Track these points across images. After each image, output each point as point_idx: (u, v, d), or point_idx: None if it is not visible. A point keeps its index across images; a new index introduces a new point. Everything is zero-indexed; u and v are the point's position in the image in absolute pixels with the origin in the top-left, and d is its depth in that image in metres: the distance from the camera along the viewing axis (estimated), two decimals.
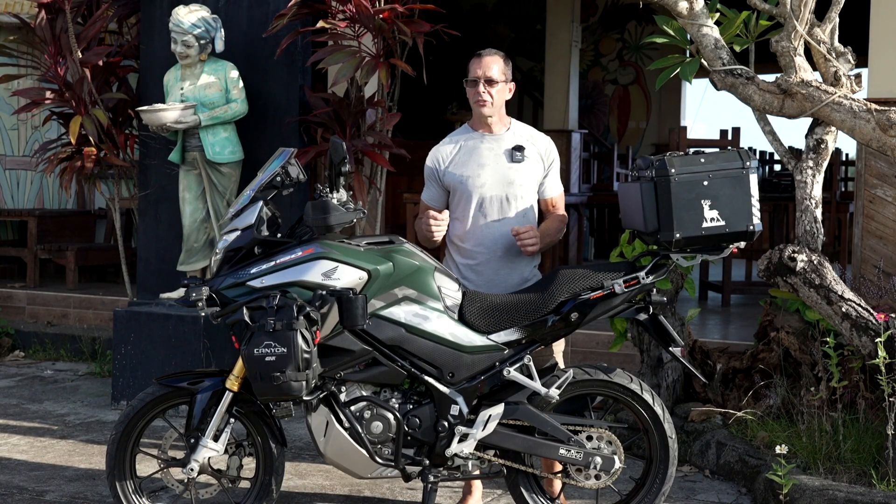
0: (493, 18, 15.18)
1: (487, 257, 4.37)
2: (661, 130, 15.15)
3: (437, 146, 4.52)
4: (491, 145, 4.43)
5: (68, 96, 6.90)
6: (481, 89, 4.36)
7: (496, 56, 4.42)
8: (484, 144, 4.43)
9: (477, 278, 4.38)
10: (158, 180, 6.74)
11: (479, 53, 4.44)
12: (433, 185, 4.50)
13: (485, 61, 4.39)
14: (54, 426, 6.00)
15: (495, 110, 4.41)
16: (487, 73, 4.37)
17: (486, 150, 4.42)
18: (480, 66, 4.38)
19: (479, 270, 4.39)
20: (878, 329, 4.54)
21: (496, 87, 4.37)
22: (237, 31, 6.52)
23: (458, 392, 4.02)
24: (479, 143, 4.44)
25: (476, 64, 4.40)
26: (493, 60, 4.39)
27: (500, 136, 4.44)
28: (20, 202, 10.64)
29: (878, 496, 4.31)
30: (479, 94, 4.36)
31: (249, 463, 4.13)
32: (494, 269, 4.37)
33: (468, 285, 4.32)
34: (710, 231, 3.97)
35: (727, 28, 4.83)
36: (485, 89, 4.36)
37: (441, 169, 4.46)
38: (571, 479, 4.14)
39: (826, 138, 4.75)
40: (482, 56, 4.42)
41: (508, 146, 4.41)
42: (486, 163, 4.39)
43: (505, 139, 4.44)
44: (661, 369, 5.64)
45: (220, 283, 3.94)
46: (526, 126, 4.56)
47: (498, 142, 4.43)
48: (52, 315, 8.54)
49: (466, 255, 4.42)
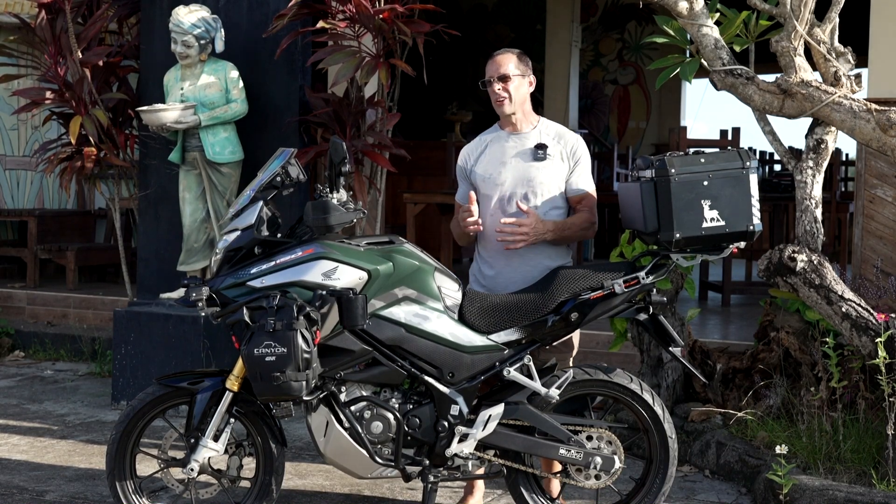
0: (493, 18, 15.19)
1: (508, 255, 4.36)
2: (661, 130, 15.15)
3: (467, 145, 4.55)
4: (515, 143, 4.42)
5: (68, 96, 6.90)
6: (497, 88, 4.36)
7: (508, 53, 4.42)
8: (508, 143, 4.42)
9: (495, 275, 4.37)
10: (158, 180, 6.74)
11: (492, 55, 4.45)
12: (464, 184, 4.50)
13: (497, 60, 4.39)
14: (54, 426, 6.00)
15: (516, 107, 4.40)
16: (500, 71, 4.36)
17: (509, 149, 4.41)
18: (493, 65, 4.38)
19: (499, 268, 4.38)
20: (878, 329, 4.53)
21: (512, 82, 4.36)
22: (237, 31, 6.51)
23: (458, 392, 4.02)
24: (504, 141, 4.44)
25: (489, 65, 4.40)
26: (506, 58, 4.39)
27: (526, 135, 4.43)
28: (20, 202, 10.65)
29: (878, 496, 4.31)
30: (495, 93, 4.37)
31: (249, 463, 4.13)
32: (514, 267, 4.35)
33: (489, 282, 4.33)
34: (710, 231, 3.98)
35: (727, 28, 4.83)
36: (500, 87, 4.36)
37: (468, 167, 4.47)
38: (571, 479, 4.14)
39: (826, 138, 4.75)
40: (494, 56, 4.42)
41: (532, 144, 4.40)
42: (507, 161, 4.38)
43: (530, 137, 4.42)
44: (661, 369, 5.64)
45: (220, 283, 3.94)
46: (555, 124, 4.53)
47: (522, 140, 4.42)
48: (52, 315, 8.54)
49: (488, 252, 4.42)
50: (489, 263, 4.40)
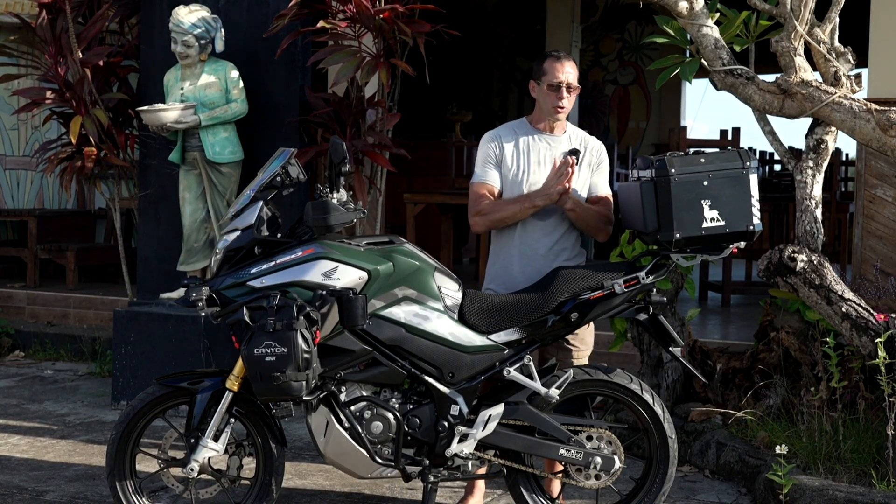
0: (493, 18, 15.18)
1: (530, 255, 4.36)
2: (661, 130, 15.14)
3: (494, 131, 4.47)
4: (549, 145, 4.40)
5: (68, 96, 6.90)
6: (563, 94, 4.31)
7: (572, 60, 4.38)
8: (543, 143, 4.41)
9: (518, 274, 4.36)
10: (158, 180, 6.74)
11: (557, 56, 4.37)
12: (494, 168, 4.39)
13: (567, 66, 4.32)
14: (54, 426, 6.00)
15: (565, 114, 4.40)
16: (570, 80, 4.32)
17: (544, 149, 4.40)
18: (562, 70, 4.31)
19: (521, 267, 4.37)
20: (878, 329, 4.54)
21: (574, 92, 4.35)
22: (237, 31, 6.51)
23: (458, 392, 4.02)
24: (538, 140, 4.41)
25: (556, 68, 4.32)
26: (572, 64, 4.35)
27: (560, 138, 4.42)
28: (20, 202, 10.64)
29: (878, 496, 4.30)
30: (560, 99, 4.31)
31: (249, 463, 4.13)
32: (536, 268, 4.35)
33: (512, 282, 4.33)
34: (710, 231, 3.98)
35: (727, 28, 4.83)
36: (567, 95, 4.32)
37: (498, 153, 4.40)
38: (571, 479, 4.14)
39: (826, 138, 4.75)
40: (562, 59, 4.34)
41: (565, 149, 4.39)
42: (543, 161, 4.37)
43: (563, 141, 4.42)
44: (661, 369, 5.64)
45: (220, 283, 3.94)
46: (579, 129, 4.53)
47: (557, 143, 4.41)
48: (52, 315, 8.54)
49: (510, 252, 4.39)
50: (513, 263, 4.38)
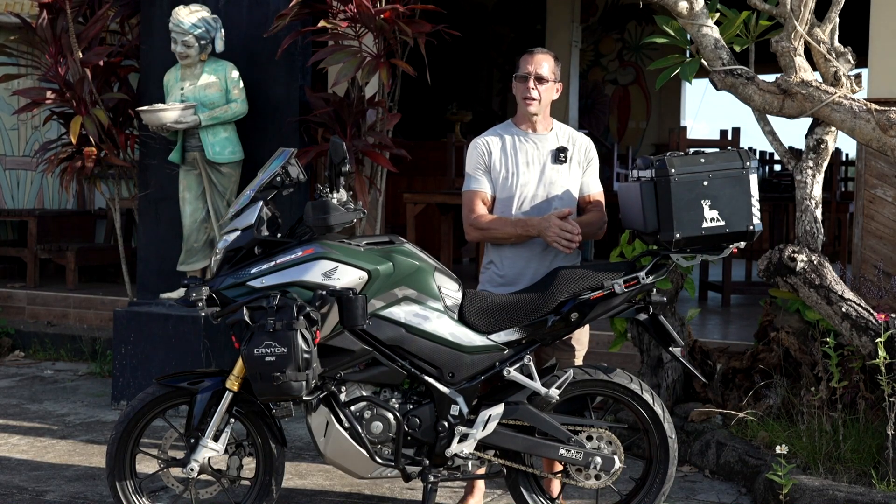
0: (493, 18, 15.19)
1: (527, 256, 4.36)
2: (661, 130, 15.16)
3: (481, 137, 4.47)
4: (535, 144, 4.40)
5: (69, 96, 6.90)
6: (531, 85, 4.33)
7: (547, 55, 4.40)
8: (528, 143, 4.41)
9: (516, 276, 4.36)
10: (158, 180, 6.74)
11: (530, 50, 4.41)
12: (484, 174, 4.40)
13: (536, 58, 4.36)
14: (54, 426, 6.00)
15: (542, 108, 4.38)
16: (538, 71, 4.34)
17: (530, 149, 4.39)
18: (532, 62, 4.35)
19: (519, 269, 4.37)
20: (878, 329, 4.54)
21: (545, 85, 4.34)
22: (237, 31, 6.51)
23: (458, 392, 4.02)
24: (524, 141, 4.41)
25: (527, 60, 4.36)
26: (545, 58, 4.37)
27: (545, 136, 4.42)
28: (20, 202, 10.65)
29: (878, 496, 4.31)
30: (528, 90, 4.33)
31: (249, 463, 4.13)
32: (533, 269, 4.35)
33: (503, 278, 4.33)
34: (710, 231, 3.98)
35: (727, 28, 4.83)
36: (534, 86, 4.33)
37: (486, 159, 4.40)
38: (571, 479, 4.14)
39: (826, 138, 4.75)
40: (534, 53, 4.39)
41: (552, 147, 4.39)
42: (530, 161, 4.37)
43: (549, 139, 4.42)
44: (661, 369, 5.64)
45: (220, 283, 3.94)
46: (565, 126, 4.53)
47: (542, 141, 4.41)
48: (52, 315, 8.54)
49: (506, 254, 4.39)
50: (508, 266, 4.38)
